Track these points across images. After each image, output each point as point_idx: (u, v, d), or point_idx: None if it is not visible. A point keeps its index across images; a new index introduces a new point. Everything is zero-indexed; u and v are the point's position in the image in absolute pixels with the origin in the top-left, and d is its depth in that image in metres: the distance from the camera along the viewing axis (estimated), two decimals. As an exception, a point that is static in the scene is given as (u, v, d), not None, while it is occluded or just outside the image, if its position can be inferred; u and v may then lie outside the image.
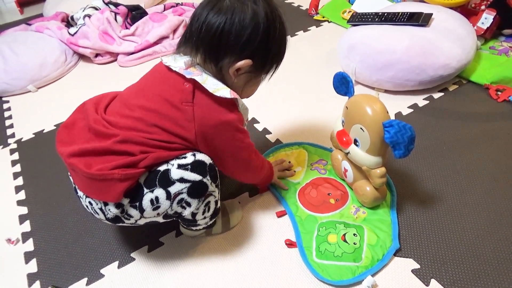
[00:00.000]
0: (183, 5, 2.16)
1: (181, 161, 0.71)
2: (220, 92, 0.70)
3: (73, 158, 0.69)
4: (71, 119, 0.78)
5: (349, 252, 0.80)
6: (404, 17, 1.30)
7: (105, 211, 0.71)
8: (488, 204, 0.91)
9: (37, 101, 1.59)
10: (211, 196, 0.76)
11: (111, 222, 0.74)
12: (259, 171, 0.89)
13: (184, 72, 0.71)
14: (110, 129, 0.70)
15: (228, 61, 0.72)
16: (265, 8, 0.70)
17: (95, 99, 0.81)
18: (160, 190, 0.69)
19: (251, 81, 0.78)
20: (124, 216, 0.72)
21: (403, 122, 0.73)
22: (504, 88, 1.23)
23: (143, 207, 0.70)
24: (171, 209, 0.71)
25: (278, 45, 0.76)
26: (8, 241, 0.98)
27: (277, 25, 0.73)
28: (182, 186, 0.69)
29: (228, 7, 0.69)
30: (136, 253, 0.90)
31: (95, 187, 0.69)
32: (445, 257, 0.81)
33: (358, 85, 1.36)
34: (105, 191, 0.68)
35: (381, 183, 0.83)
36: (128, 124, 0.71)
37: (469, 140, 1.09)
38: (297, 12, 1.95)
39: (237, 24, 0.68)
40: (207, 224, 0.82)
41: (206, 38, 0.70)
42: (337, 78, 0.88)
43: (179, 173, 0.69)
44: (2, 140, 1.39)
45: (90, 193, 0.71)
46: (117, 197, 0.68)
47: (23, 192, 1.13)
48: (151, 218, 0.73)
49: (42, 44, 1.73)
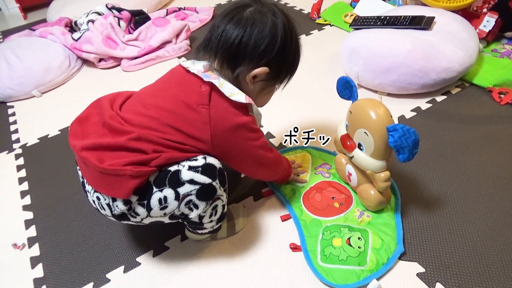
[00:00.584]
0: (185, 9, 2.17)
1: (192, 163, 0.71)
2: (235, 97, 0.73)
3: (86, 151, 0.70)
4: (85, 113, 0.79)
5: (354, 256, 0.81)
6: (406, 21, 1.31)
7: (113, 207, 0.72)
8: (493, 207, 0.91)
9: (42, 106, 1.60)
10: (218, 200, 0.76)
11: (116, 219, 0.74)
12: (277, 167, 0.92)
13: (202, 74, 0.73)
14: (125, 126, 0.72)
15: (245, 69, 0.74)
16: (283, 20, 0.74)
17: (111, 95, 0.82)
18: (169, 190, 0.70)
19: (266, 89, 0.81)
20: (131, 213, 0.72)
21: (407, 126, 0.74)
22: (507, 90, 1.23)
23: (151, 205, 0.70)
24: (178, 210, 0.72)
25: (293, 56, 0.79)
26: (14, 246, 0.98)
27: (293, 37, 0.77)
28: (191, 187, 0.70)
29: (248, 18, 0.72)
30: (141, 258, 0.90)
31: (106, 182, 0.69)
32: (450, 261, 0.81)
33: (361, 88, 1.37)
34: (115, 187, 0.68)
35: (385, 187, 0.83)
36: (143, 123, 0.72)
37: (473, 143, 1.09)
38: (299, 16, 1.95)
39: (257, 33, 0.72)
40: (213, 228, 0.82)
41: (225, 47, 0.73)
42: (340, 82, 0.89)
43: (189, 174, 0.70)
44: (7, 145, 1.40)
45: (99, 188, 0.71)
46: (127, 193, 0.68)
47: (28, 197, 1.14)
48: (157, 218, 0.74)
49: (46, 49, 1.74)
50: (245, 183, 1.05)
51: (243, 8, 0.74)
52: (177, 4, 2.35)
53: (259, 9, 0.74)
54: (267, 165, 0.88)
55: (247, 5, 0.74)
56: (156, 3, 2.29)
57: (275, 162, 0.89)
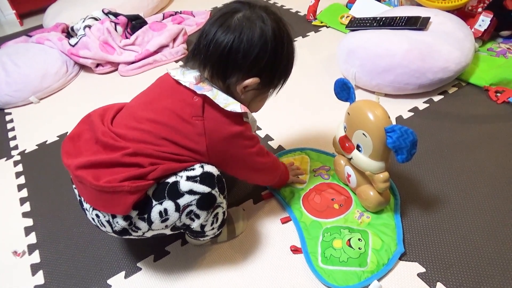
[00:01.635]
0: (182, 13, 2.18)
1: (189, 173, 0.71)
2: (230, 107, 0.72)
3: (81, 170, 0.69)
4: (76, 131, 0.78)
5: (355, 257, 0.81)
6: (402, 21, 1.31)
7: (113, 223, 0.71)
8: (491, 205, 0.91)
9: (40, 112, 1.60)
10: (219, 207, 0.76)
11: (117, 235, 0.74)
12: (274, 171, 0.92)
13: (194, 87, 0.72)
14: (119, 142, 0.70)
15: (235, 79, 0.72)
16: (273, 27, 0.71)
17: (100, 110, 0.81)
18: (169, 202, 0.69)
19: (259, 97, 0.80)
20: (132, 228, 0.72)
21: (405, 127, 0.74)
22: (503, 89, 1.24)
23: (151, 219, 0.70)
24: (179, 221, 0.71)
25: (285, 63, 0.77)
26: (15, 254, 0.98)
27: (285, 43, 0.74)
28: (191, 198, 0.70)
29: (236, 25, 0.69)
30: (142, 263, 0.90)
31: (104, 200, 0.68)
32: (450, 260, 0.81)
33: (358, 89, 1.37)
34: (114, 204, 0.68)
35: (385, 187, 0.83)
36: (137, 137, 0.71)
37: (470, 142, 1.09)
38: (295, 18, 1.96)
39: (245, 43, 0.69)
40: (214, 235, 0.82)
41: (214, 56, 0.71)
42: (338, 84, 0.89)
43: (188, 185, 0.69)
44: (5, 152, 1.39)
45: (98, 206, 0.71)
46: (126, 209, 0.68)
47: (28, 204, 1.14)
48: (159, 231, 0.73)
49: (43, 55, 1.74)
50: (245, 186, 1.05)
51: (232, 14, 0.71)
52: (174, 8, 2.35)
53: (248, 15, 0.70)
54: (264, 170, 0.88)
55: (236, 11, 0.71)
56: (153, 7, 2.29)
57: (272, 167, 0.89)
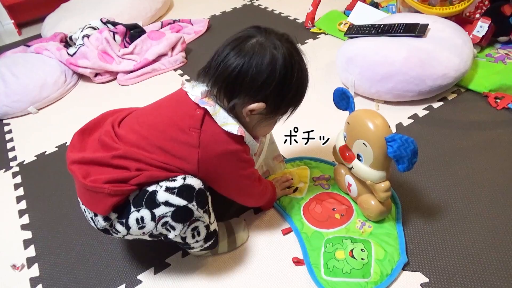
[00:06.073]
0: (180, 21, 2.18)
1: (169, 183, 0.71)
2: (228, 127, 0.72)
3: (74, 165, 0.73)
4: (91, 125, 0.82)
5: (358, 268, 0.80)
6: (401, 29, 1.31)
7: (95, 221, 0.74)
8: (493, 213, 0.91)
9: (38, 122, 1.59)
10: (198, 221, 0.74)
11: (102, 232, 0.76)
12: (262, 197, 0.92)
13: (199, 101, 0.73)
14: (115, 143, 0.73)
15: (241, 102, 0.73)
16: (284, 54, 0.71)
17: (115, 110, 0.85)
18: (145, 210, 0.70)
19: (264, 122, 0.78)
20: (112, 230, 0.74)
21: (405, 136, 0.74)
22: (502, 95, 1.24)
23: (129, 224, 0.72)
24: (156, 230, 0.72)
25: (294, 91, 0.76)
26: (14, 267, 0.97)
27: (295, 72, 0.73)
28: (166, 209, 0.70)
29: (249, 50, 0.70)
30: (142, 275, 0.89)
31: (88, 197, 0.72)
32: (453, 270, 0.80)
33: (357, 97, 1.37)
34: (95, 202, 0.71)
35: (386, 197, 0.83)
36: (132, 140, 0.74)
37: (471, 149, 1.09)
38: (293, 26, 1.96)
39: (254, 68, 0.69)
40: (203, 247, 0.81)
41: (222, 76, 0.72)
42: (337, 93, 0.89)
43: (165, 196, 0.70)
44: (4, 163, 1.39)
45: (83, 202, 0.75)
46: (106, 210, 0.70)
47: (26, 216, 1.13)
48: (138, 236, 0.75)
49: (41, 65, 1.74)
50: (245, 196, 1.04)
51: (246, 39, 0.72)
52: (172, 17, 2.35)
53: (262, 41, 0.71)
54: (252, 195, 0.88)
55: (251, 36, 0.72)
56: (151, 16, 2.29)
57: (260, 193, 0.89)
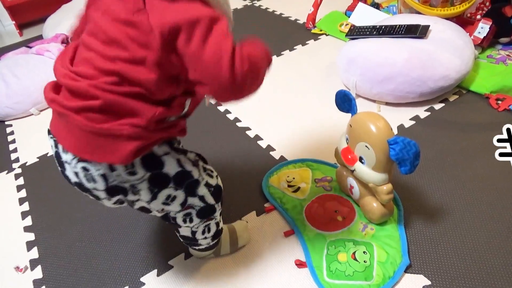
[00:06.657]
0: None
1: (209, 179, 0.72)
2: None
3: (79, 113, 0.57)
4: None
5: (360, 271, 0.80)
6: (402, 30, 1.31)
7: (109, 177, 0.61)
8: (495, 215, 0.91)
9: (40, 124, 1.59)
10: (213, 219, 0.77)
11: (107, 193, 0.63)
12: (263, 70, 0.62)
13: None
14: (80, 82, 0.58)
15: None
16: None
17: (62, 53, 0.67)
18: (182, 193, 0.69)
19: None
20: (133, 190, 0.64)
21: (408, 139, 0.74)
22: (504, 97, 1.24)
23: (158, 196, 0.66)
24: (174, 214, 0.72)
25: None
26: (17, 269, 0.98)
27: None
28: (199, 203, 0.72)
29: None
30: (145, 277, 0.90)
31: (97, 145, 0.58)
32: (455, 272, 0.81)
33: (359, 98, 1.37)
34: (109, 151, 0.57)
35: (388, 199, 0.83)
36: (89, 73, 0.57)
37: (472, 151, 1.09)
38: (294, 26, 1.96)
39: None
40: (209, 245, 0.82)
41: None
42: (339, 96, 0.89)
43: (204, 191, 0.71)
44: (6, 165, 1.39)
45: (87, 153, 0.59)
46: (125, 157, 0.57)
47: (29, 218, 1.13)
48: (153, 208, 0.69)
49: (43, 66, 1.74)
50: (247, 198, 1.04)
51: None
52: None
53: None
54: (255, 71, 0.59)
55: None
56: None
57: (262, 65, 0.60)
